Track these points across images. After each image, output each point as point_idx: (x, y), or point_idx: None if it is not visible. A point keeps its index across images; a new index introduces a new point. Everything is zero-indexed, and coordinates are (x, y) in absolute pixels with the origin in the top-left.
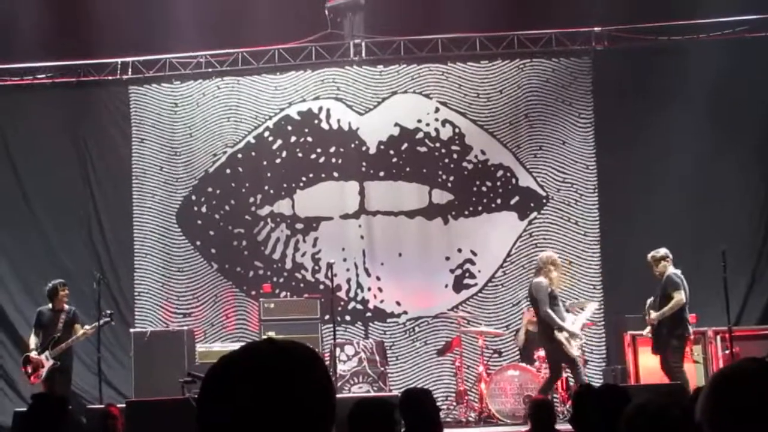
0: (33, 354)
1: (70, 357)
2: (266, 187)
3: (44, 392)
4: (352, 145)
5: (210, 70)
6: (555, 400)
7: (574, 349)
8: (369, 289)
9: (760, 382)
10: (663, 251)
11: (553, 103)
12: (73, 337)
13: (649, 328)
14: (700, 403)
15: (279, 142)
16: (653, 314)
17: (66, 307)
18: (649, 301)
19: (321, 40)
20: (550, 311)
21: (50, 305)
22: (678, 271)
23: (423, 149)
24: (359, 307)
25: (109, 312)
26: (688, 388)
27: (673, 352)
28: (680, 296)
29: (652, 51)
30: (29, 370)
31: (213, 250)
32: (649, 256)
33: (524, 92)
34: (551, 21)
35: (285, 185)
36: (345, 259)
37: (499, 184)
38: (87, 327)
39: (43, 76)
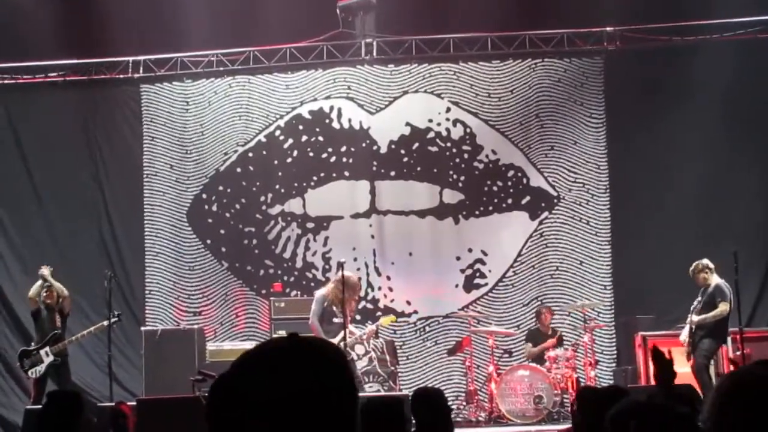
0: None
1: (67, 354)
2: (277, 186)
3: (60, 390)
4: (363, 145)
5: (221, 68)
6: (566, 400)
7: None
8: (379, 288)
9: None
10: (703, 263)
11: (564, 103)
12: (78, 335)
13: (686, 334)
14: (707, 407)
15: (290, 141)
16: (695, 318)
17: (50, 300)
18: (693, 306)
19: (332, 39)
20: (317, 323)
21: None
22: (723, 281)
23: (434, 149)
24: (369, 306)
25: (117, 313)
26: (708, 391)
27: (703, 354)
28: (726, 307)
29: (664, 51)
30: (26, 365)
31: (223, 249)
32: (691, 268)
33: (536, 92)
34: (563, 21)
35: (296, 184)
36: (355, 259)
37: (510, 184)
38: (92, 328)
39: (55, 74)
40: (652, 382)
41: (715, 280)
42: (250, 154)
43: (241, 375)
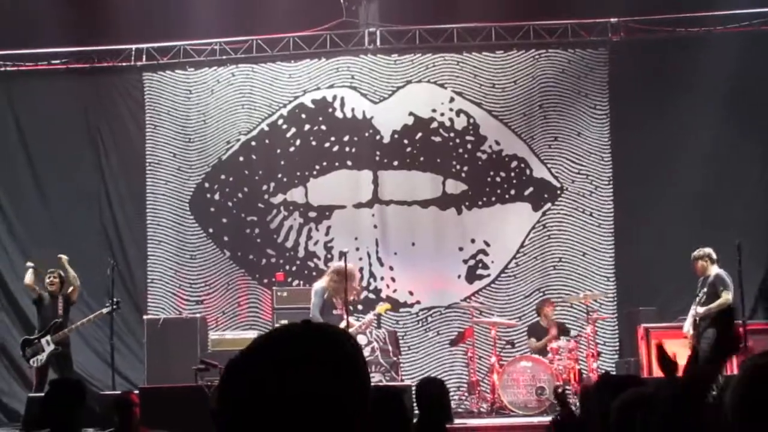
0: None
1: (69, 343)
2: (279, 175)
3: (62, 378)
4: (366, 134)
5: (224, 57)
6: (568, 391)
7: None
8: (382, 278)
9: None
10: (705, 250)
11: (568, 94)
12: (78, 323)
13: (690, 325)
14: (731, 395)
15: (293, 130)
16: (700, 309)
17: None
18: (698, 297)
19: (336, 28)
20: (318, 316)
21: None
22: (723, 271)
23: (437, 139)
24: (372, 296)
25: (116, 300)
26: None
27: (707, 344)
28: (729, 295)
29: (668, 43)
30: (28, 353)
31: (225, 238)
32: (693, 254)
33: (539, 83)
34: (567, 12)
35: (298, 173)
36: (358, 249)
37: (513, 174)
38: (91, 315)
39: (58, 61)
40: (655, 374)
41: (714, 270)
42: (253, 143)
43: (252, 366)
